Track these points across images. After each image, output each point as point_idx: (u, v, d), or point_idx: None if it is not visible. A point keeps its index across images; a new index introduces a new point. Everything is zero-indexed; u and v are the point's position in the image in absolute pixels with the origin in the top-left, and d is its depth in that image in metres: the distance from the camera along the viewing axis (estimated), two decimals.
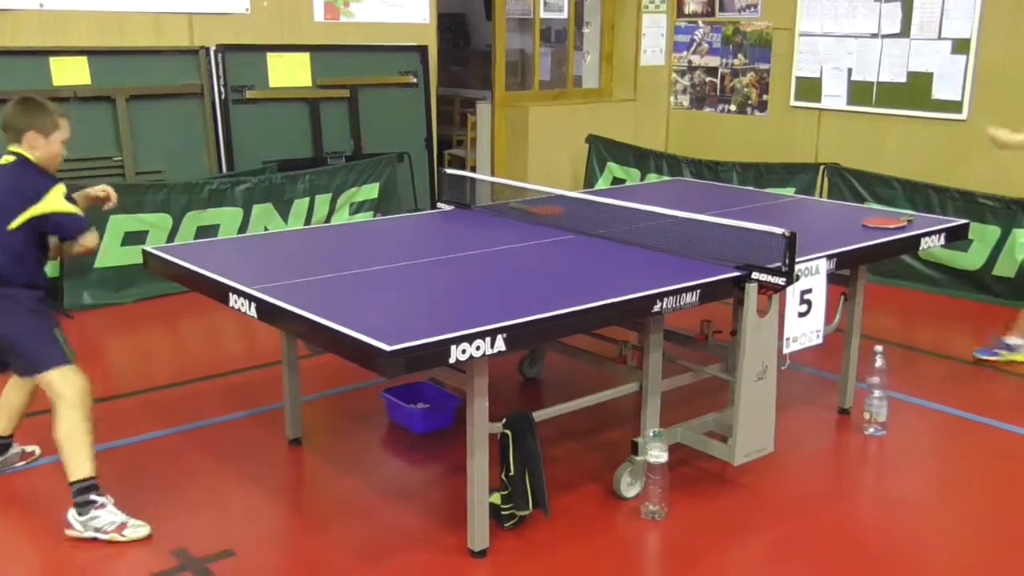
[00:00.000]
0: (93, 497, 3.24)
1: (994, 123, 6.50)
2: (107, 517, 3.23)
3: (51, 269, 5.60)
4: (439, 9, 7.76)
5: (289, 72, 6.88)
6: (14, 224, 3.26)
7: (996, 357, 4.83)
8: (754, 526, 3.39)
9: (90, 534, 3.23)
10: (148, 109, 6.35)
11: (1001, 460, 3.91)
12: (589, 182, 8.02)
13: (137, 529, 3.25)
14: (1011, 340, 4.86)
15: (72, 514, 3.25)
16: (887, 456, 3.97)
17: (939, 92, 6.78)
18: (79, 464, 3.24)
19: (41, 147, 3.37)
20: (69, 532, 3.24)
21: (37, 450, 3.82)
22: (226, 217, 6.25)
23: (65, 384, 3.29)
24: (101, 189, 3.66)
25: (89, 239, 3.38)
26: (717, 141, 8.13)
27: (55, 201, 3.28)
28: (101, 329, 5.47)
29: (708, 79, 8.33)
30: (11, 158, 3.36)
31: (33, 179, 3.31)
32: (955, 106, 6.71)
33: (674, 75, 8.58)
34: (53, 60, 6.01)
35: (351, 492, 3.63)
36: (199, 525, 3.35)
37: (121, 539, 3.22)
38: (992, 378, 4.76)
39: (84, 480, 3.24)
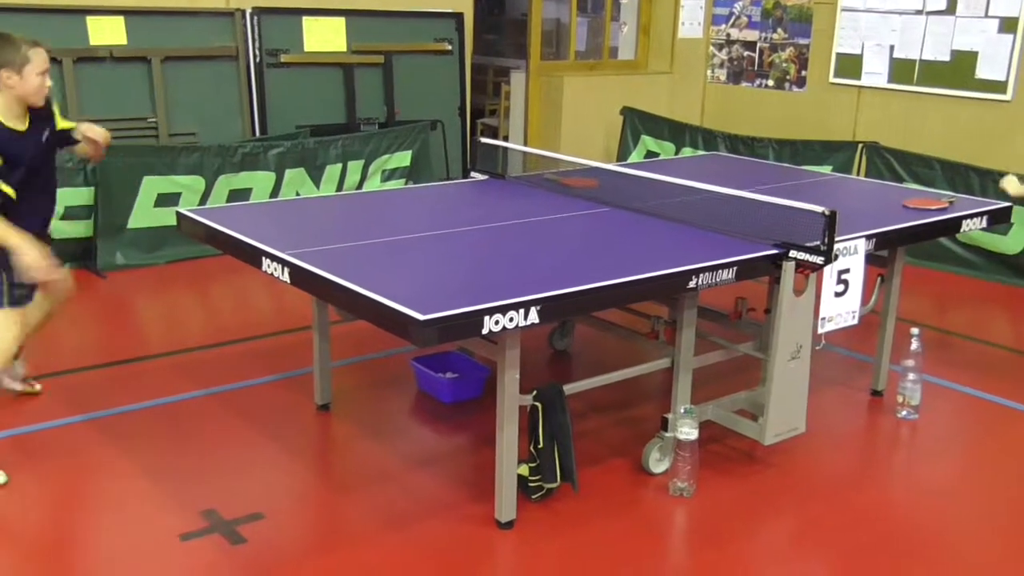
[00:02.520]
0: None
1: None
2: None
3: (85, 228, 5.65)
4: None
5: (324, 36, 6.85)
6: None
7: None
8: (783, 507, 3.37)
9: None
10: (183, 71, 6.35)
11: None
12: (623, 155, 7.95)
13: None
14: None
15: None
16: (919, 440, 3.93)
17: (984, 72, 6.64)
18: None
19: (16, 84, 3.32)
20: None
21: (38, 387, 3.94)
22: (258, 181, 6.26)
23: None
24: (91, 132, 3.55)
25: None
26: (754, 116, 8.02)
27: None
28: (133, 289, 5.51)
29: (746, 53, 8.20)
30: None
31: None
32: (1000, 86, 6.57)
33: (712, 48, 8.46)
34: (90, 19, 6.02)
35: (379, 459, 3.64)
36: (228, 487, 3.37)
37: None
38: None
39: None
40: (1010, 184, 4.22)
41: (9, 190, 3.40)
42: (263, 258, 3.18)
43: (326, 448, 3.82)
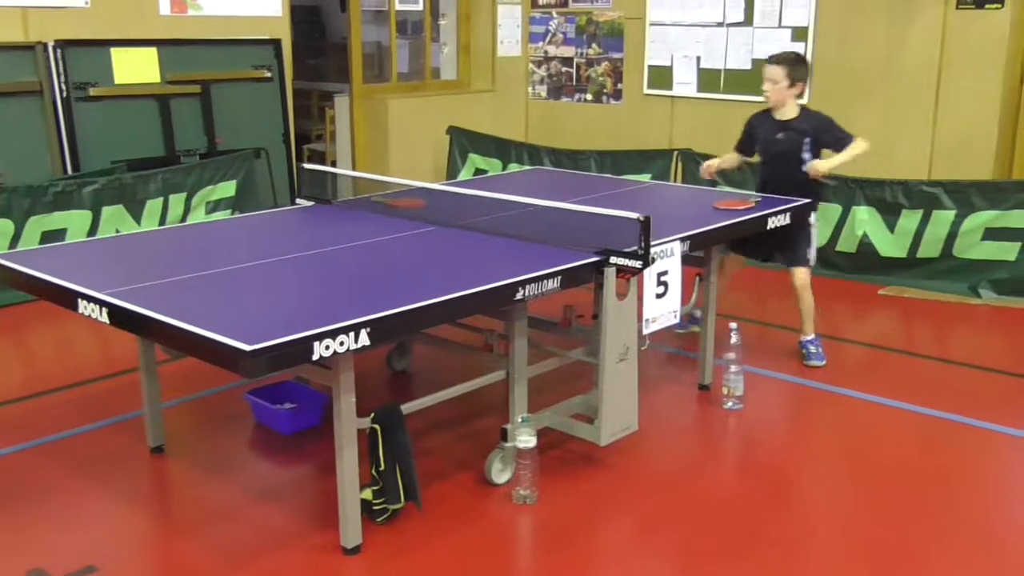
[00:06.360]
0: None
1: (829, 107, 6.90)
2: None
3: None
4: (292, 2, 7.62)
5: (135, 68, 6.62)
6: None
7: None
8: (623, 503, 3.48)
9: None
10: None
11: (849, 425, 4.14)
12: (452, 173, 8.04)
13: None
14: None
15: None
16: (745, 428, 4.15)
17: None
18: None
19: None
20: None
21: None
22: (74, 220, 5.98)
23: None
24: None
25: None
26: (575, 130, 8.27)
27: None
28: None
29: (564, 69, 8.46)
30: None
31: None
32: None
33: (531, 65, 8.68)
34: None
35: (218, 497, 3.55)
36: (57, 542, 3.21)
37: None
38: (839, 350, 5.02)
39: None
40: (819, 166, 4.52)
41: None
42: (79, 300, 3.06)
43: (162, 491, 3.69)
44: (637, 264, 3.39)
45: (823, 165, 4.54)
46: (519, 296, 3.18)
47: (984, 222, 5.84)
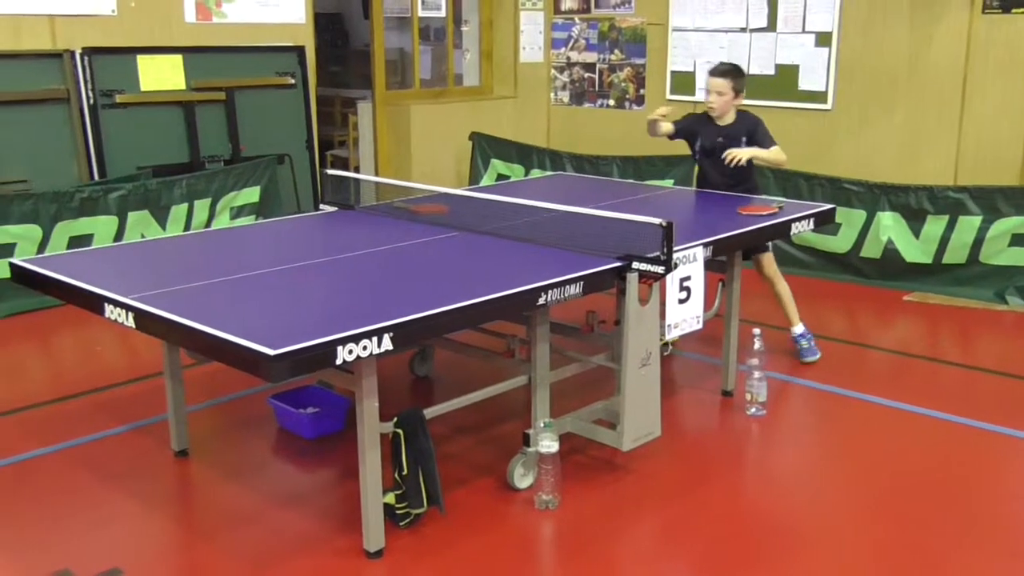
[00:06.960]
0: None
1: (853, 113, 6.87)
2: None
3: None
4: (315, 9, 7.68)
5: (161, 75, 6.69)
6: None
7: None
8: (645, 509, 3.48)
9: None
10: (7, 115, 6.08)
11: (871, 431, 4.11)
12: (474, 179, 8.05)
13: None
14: None
15: None
16: (768, 434, 4.13)
17: (805, 83, 7.06)
18: None
19: None
20: None
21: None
22: (100, 226, 6.05)
23: None
24: None
25: None
26: (597, 135, 8.26)
27: None
28: None
29: (586, 75, 8.46)
30: None
31: None
32: (821, 96, 7.00)
33: (553, 71, 8.68)
34: None
35: (241, 500, 3.57)
36: (83, 544, 3.24)
37: None
38: (862, 355, 4.99)
39: None
40: (740, 153, 4.54)
41: None
42: (105, 304, 3.09)
43: (186, 495, 3.71)
44: (659, 269, 3.39)
45: (743, 153, 4.57)
46: (541, 301, 3.18)
47: (1011, 228, 5.80)
